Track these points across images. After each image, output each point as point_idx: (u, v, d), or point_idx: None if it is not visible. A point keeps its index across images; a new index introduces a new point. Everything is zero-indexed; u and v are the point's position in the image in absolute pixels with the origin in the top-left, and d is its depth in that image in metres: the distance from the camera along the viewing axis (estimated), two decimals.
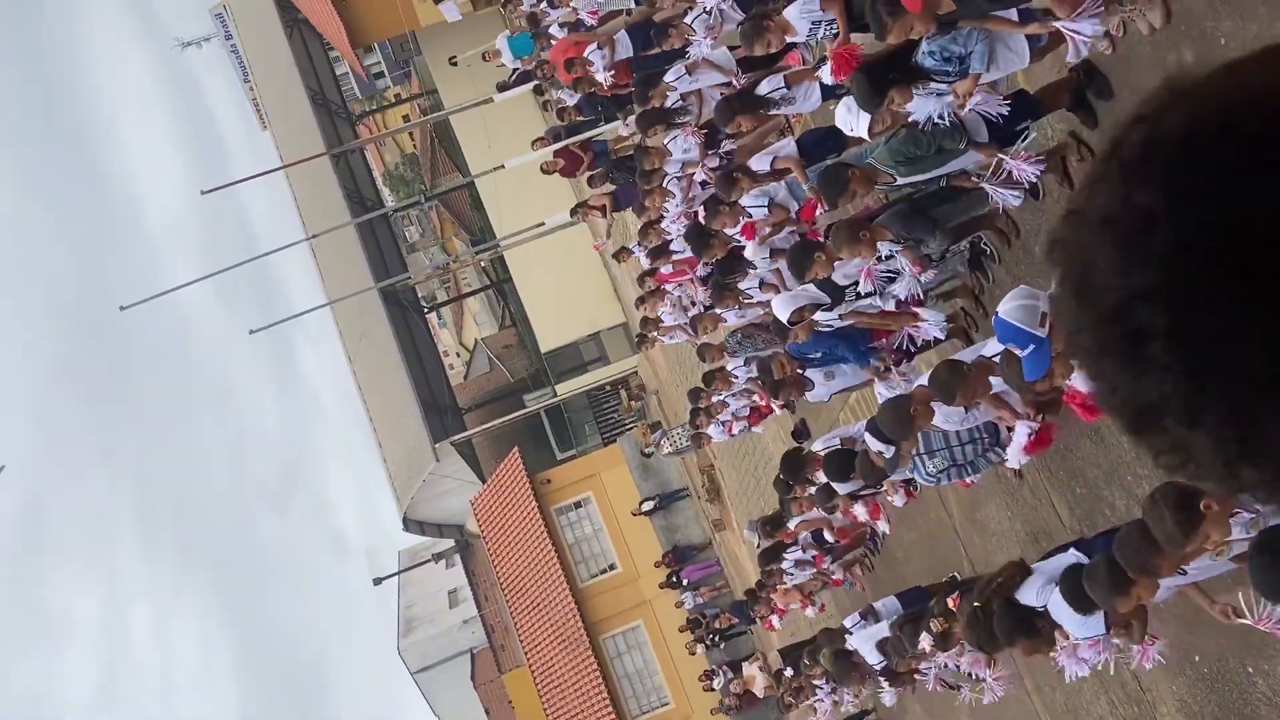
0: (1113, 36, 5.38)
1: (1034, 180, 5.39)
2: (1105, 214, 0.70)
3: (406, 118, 38.68)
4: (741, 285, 8.69)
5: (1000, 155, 5.22)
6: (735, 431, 12.01)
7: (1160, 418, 0.69)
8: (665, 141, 9.00)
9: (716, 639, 20.43)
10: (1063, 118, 5.90)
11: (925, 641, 6.23)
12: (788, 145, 7.29)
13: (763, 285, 8.75)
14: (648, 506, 23.64)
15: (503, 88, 17.07)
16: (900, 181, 5.31)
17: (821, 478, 7.90)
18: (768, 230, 7.58)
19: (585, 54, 11.02)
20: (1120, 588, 4.04)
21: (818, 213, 7.10)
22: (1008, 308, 4.41)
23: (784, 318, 7.14)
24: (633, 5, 10.65)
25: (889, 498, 7.76)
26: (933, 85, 4.90)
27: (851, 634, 8.11)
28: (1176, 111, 0.69)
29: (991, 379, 5.03)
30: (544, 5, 13.32)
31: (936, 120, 4.86)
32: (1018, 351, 4.41)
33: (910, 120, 5.03)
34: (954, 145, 5.10)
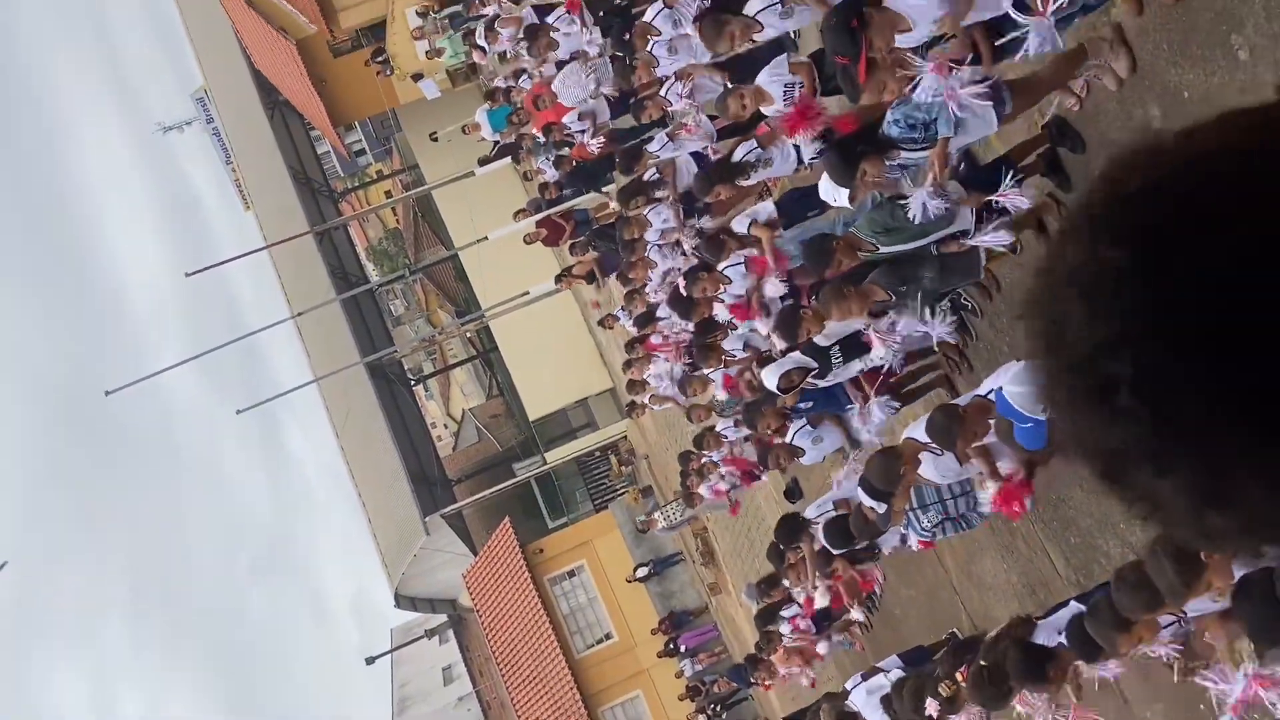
0: (1079, 95, 5.52)
1: (1026, 206, 5.49)
2: (1074, 268, 0.73)
3: (389, 193, 39.04)
4: (725, 344, 8.73)
5: (986, 198, 5.32)
6: (725, 490, 11.95)
7: (1129, 466, 0.71)
8: (645, 212, 9.12)
9: (718, 708, 20.09)
10: (1039, 180, 6.02)
11: (932, 708, 6.12)
12: (766, 208, 7.39)
13: (746, 345, 8.79)
14: (642, 573, 23.41)
15: (484, 161, 17.29)
16: (883, 250, 5.39)
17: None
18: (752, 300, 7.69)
19: (564, 120, 11.20)
20: (1122, 625, 4.03)
21: (769, 266, 7.15)
22: (1011, 390, 4.44)
23: (772, 386, 7.18)
24: (602, 85, 10.86)
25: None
26: (903, 155, 4.98)
27: (852, 693, 8.00)
28: (1140, 172, 0.73)
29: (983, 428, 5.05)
30: (521, 80, 13.55)
31: (938, 210, 4.94)
32: (1018, 424, 4.43)
33: (905, 207, 5.08)
34: (937, 226, 5.19)
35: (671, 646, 22.46)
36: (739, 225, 7.33)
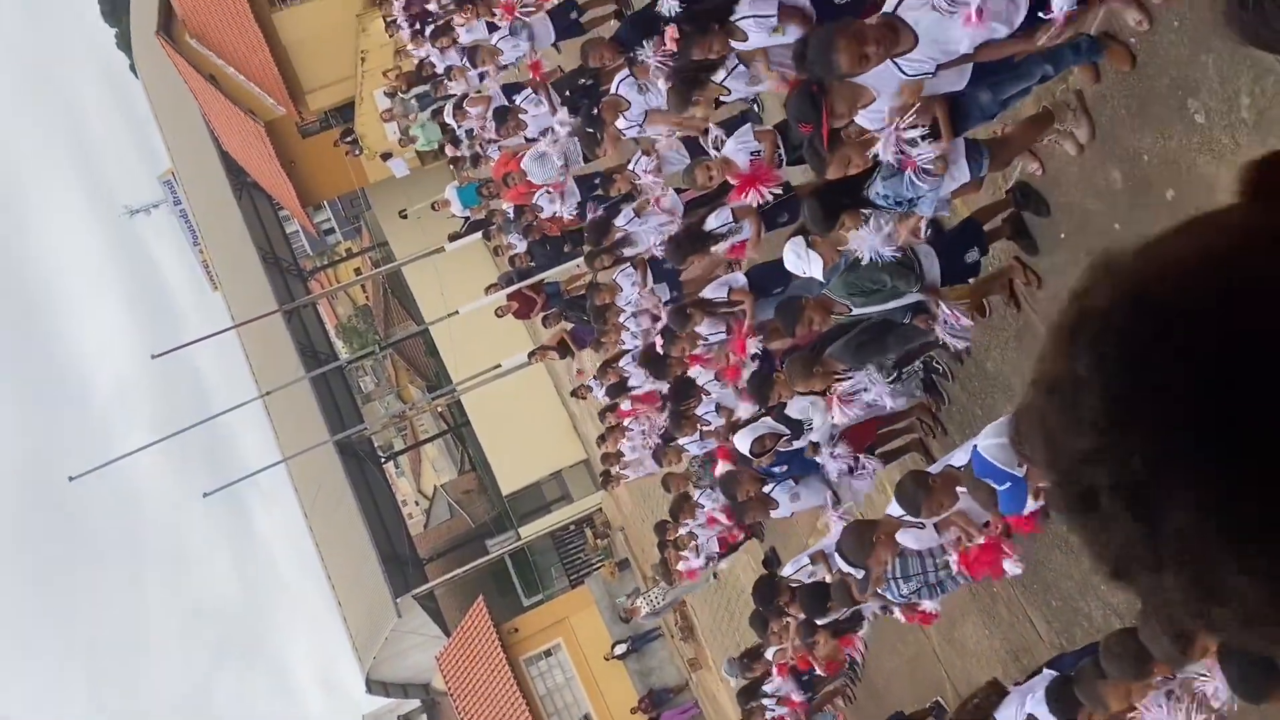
0: (1041, 159, 5.63)
1: (965, 340, 5.57)
2: (1051, 382, 0.76)
3: (358, 270, 39.07)
4: (698, 411, 8.71)
5: (940, 301, 5.37)
6: (700, 566, 11.83)
7: (1132, 566, 0.74)
8: (616, 277, 9.15)
9: None
10: (1007, 244, 6.11)
11: None
12: (738, 277, 7.43)
13: (719, 409, 8.78)
14: (620, 650, 23.00)
15: (454, 237, 17.37)
16: (856, 312, 5.42)
17: (797, 611, 7.76)
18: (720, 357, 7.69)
19: (535, 200, 11.28)
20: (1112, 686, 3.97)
21: (749, 343, 7.18)
22: (987, 444, 4.45)
23: (745, 449, 7.16)
24: (570, 164, 10.98)
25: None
26: (880, 216, 5.03)
27: None
28: (1101, 286, 0.77)
29: (959, 492, 5.03)
30: (490, 149, 13.67)
31: (885, 255, 4.97)
32: (994, 485, 4.42)
33: (855, 257, 5.13)
34: (908, 286, 5.23)
35: None
36: (714, 292, 7.37)
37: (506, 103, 11.40)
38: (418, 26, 14.49)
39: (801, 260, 5.55)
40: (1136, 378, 0.72)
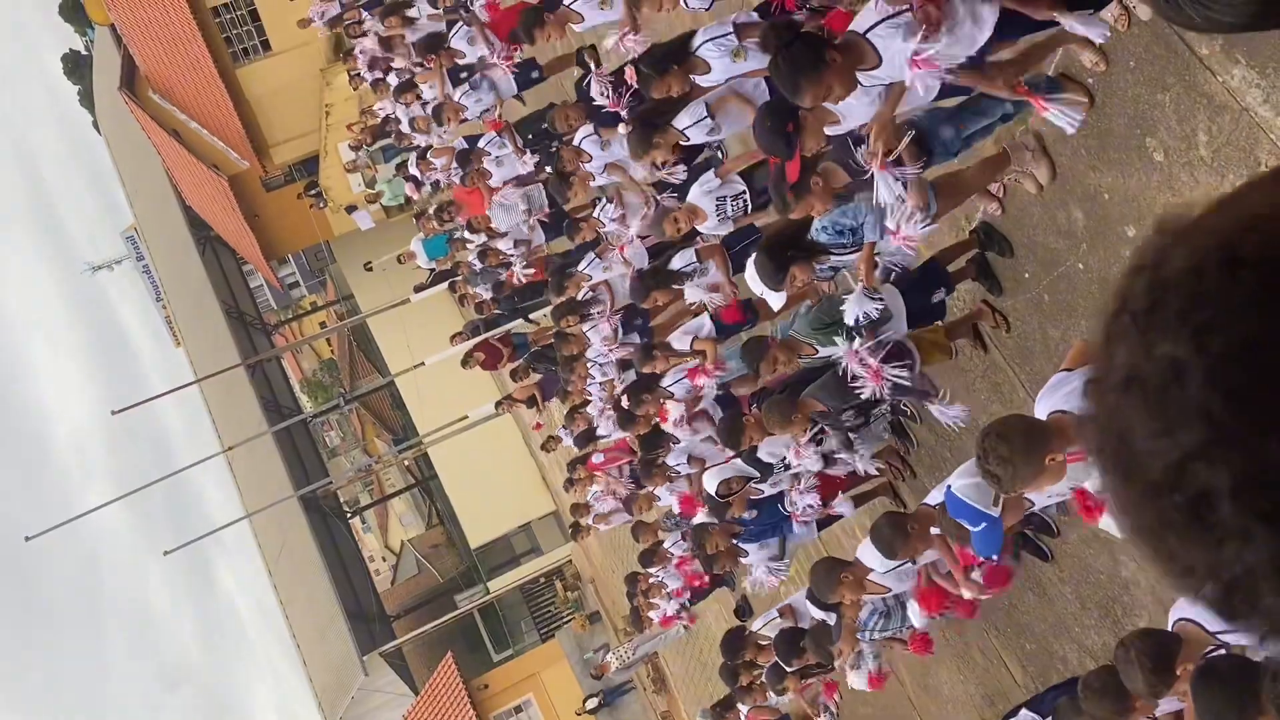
0: (1000, 199, 5.67)
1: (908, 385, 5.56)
2: (1129, 374, 0.63)
3: (323, 324, 38.82)
4: (669, 460, 8.63)
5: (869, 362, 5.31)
6: (674, 614, 11.67)
7: (1255, 592, 0.60)
8: (584, 329, 9.10)
9: None
10: (972, 285, 6.13)
11: None
12: (704, 323, 7.41)
13: (690, 459, 8.69)
14: (592, 704, 22.60)
15: (420, 288, 17.28)
16: (823, 353, 5.40)
17: (766, 661, 7.67)
18: (684, 411, 7.66)
19: (500, 246, 11.24)
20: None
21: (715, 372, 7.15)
22: (960, 484, 4.41)
23: (711, 490, 7.09)
24: (533, 211, 10.98)
25: (848, 677, 7.49)
26: (832, 259, 5.03)
27: None
28: (1176, 252, 0.65)
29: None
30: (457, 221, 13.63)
31: (868, 316, 4.97)
32: (969, 527, 4.37)
33: (842, 314, 5.12)
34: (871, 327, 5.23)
35: None
36: (678, 342, 7.33)
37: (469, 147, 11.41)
38: (380, 76, 14.52)
39: (759, 284, 5.55)
40: (1250, 343, 0.59)
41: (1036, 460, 3.53)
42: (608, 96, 6.66)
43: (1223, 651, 3.44)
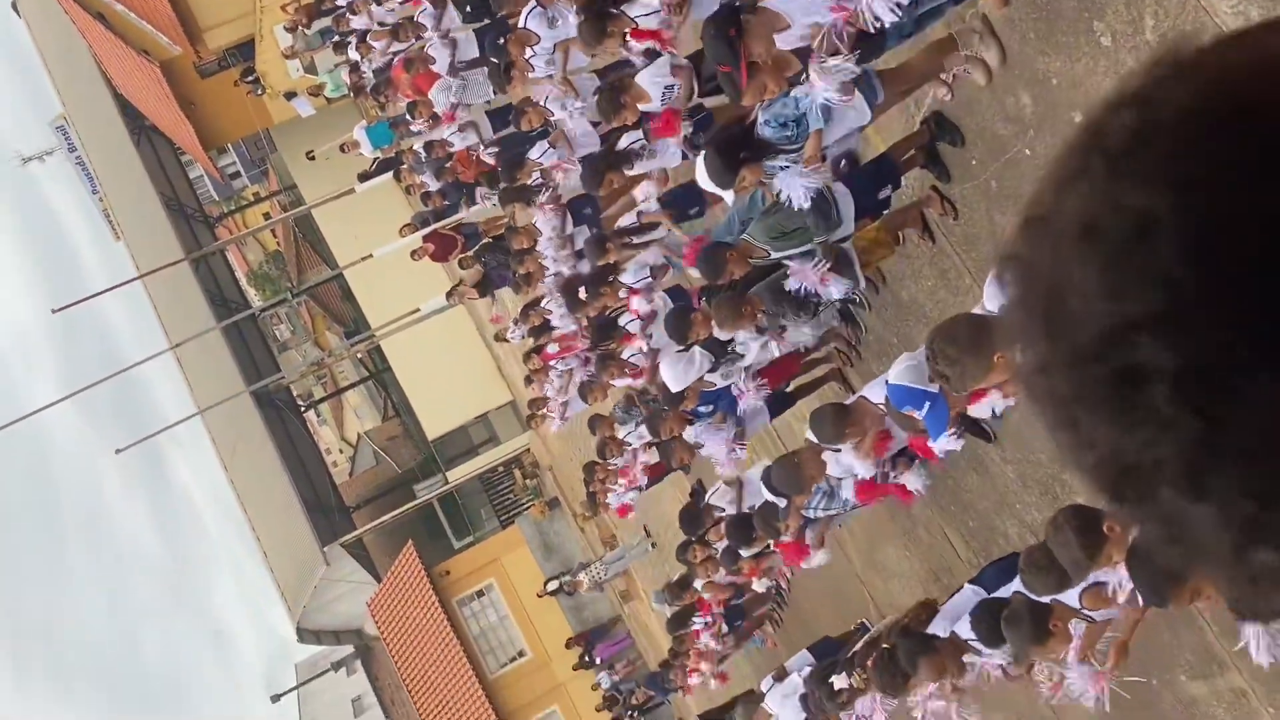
0: (950, 85, 5.62)
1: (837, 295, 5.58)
2: (1086, 221, 0.54)
3: (267, 215, 37.91)
4: (625, 354, 8.66)
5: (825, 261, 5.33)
6: (630, 505, 11.88)
7: (1152, 484, 0.54)
8: (534, 220, 9.00)
9: (635, 715, 20.03)
10: (921, 173, 6.12)
11: (841, 681, 6.26)
12: (649, 200, 7.35)
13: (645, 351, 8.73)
14: (553, 586, 23.21)
15: (364, 177, 16.91)
16: (774, 256, 5.41)
17: (722, 542, 7.88)
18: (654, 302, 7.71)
19: (445, 134, 10.99)
20: (1039, 638, 4.10)
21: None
22: (896, 371, 4.49)
23: (675, 389, 7.16)
24: (490, 97, 10.69)
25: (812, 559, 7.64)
26: (781, 157, 4.97)
27: (767, 697, 8.02)
28: (1177, 89, 0.55)
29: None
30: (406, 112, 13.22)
31: (806, 199, 4.92)
32: (917, 414, 4.46)
33: (783, 199, 5.08)
34: (826, 229, 5.22)
35: (586, 659, 22.28)
36: (628, 220, 7.32)
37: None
38: None
39: (709, 181, 5.51)
40: (1248, 210, 0.50)
41: (985, 358, 3.59)
42: None
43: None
